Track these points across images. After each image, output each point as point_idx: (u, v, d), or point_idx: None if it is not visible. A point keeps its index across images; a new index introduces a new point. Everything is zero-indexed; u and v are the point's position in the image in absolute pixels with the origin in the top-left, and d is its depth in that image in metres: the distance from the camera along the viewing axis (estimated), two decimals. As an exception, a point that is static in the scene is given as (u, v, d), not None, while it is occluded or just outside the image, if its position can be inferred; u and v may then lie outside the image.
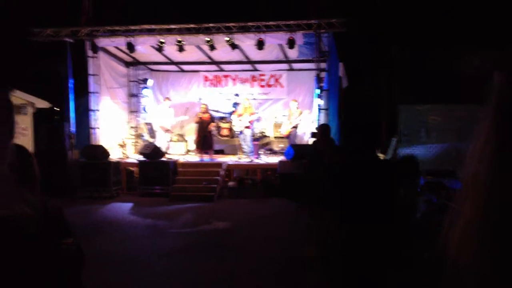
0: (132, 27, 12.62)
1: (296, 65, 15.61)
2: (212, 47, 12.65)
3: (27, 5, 14.26)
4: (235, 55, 14.22)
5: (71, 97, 13.15)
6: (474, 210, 0.78)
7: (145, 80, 16.15)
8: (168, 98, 14.84)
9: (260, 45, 12.25)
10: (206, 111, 13.75)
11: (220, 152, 14.78)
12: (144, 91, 16.18)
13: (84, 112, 13.53)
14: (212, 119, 13.84)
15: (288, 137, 13.95)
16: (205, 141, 13.46)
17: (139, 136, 15.83)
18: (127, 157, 14.24)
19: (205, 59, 15.17)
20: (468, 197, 0.80)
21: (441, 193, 8.17)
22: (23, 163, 2.14)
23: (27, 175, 2.08)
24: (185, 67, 16.43)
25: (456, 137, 12.66)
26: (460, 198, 0.81)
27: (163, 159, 12.86)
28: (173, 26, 12.48)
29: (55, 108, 14.27)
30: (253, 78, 16.28)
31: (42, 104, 14.10)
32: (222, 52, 13.61)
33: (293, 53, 13.86)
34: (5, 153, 0.83)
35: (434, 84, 12.46)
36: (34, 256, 0.78)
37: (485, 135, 0.78)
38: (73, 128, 13.02)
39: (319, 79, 12.75)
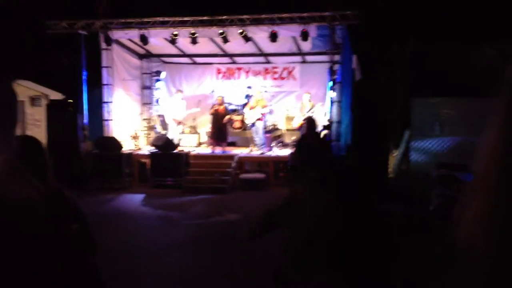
0: (146, 20, 12.64)
1: (309, 58, 15.53)
2: (226, 40, 12.63)
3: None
4: (248, 47, 14.19)
5: (85, 89, 13.24)
6: (483, 204, 0.77)
7: (158, 73, 16.20)
8: (180, 91, 14.87)
9: (274, 37, 12.20)
10: (222, 103, 13.77)
11: (232, 144, 14.80)
12: (157, 84, 16.23)
13: (97, 104, 13.60)
14: (227, 111, 13.86)
15: (300, 129, 13.93)
16: (220, 133, 13.49)
17: (151, 128, 15.90)
18: (140, 149, 14.32)
19: (218, 51, 15.16)
20: (478, 192, 0.79)
21: (454, 187, 8.12)
22: (32, 152, 2.16)
23: (37, 164, 2.10)
24: (198, 59, 16.44)
25: (469, 130, 12.54)
26: (470, 192, 0.80)
27: (175, 151, 12.91)
28: (186, 18, 12.48)
29: (68, 100, 14.38)
30: (266, 71, 16.24)
31: (56, 96, 14.20)
32: (235, 44, 13.59)
33: (306, 46, 13.79)
34: (8, 137, 0.84)
35: (447, 77, 12.34)
36: (39, 239, 0.79)
37: (497, 130, 0.78)
38: (86, 119, 13.11)
39: (332, 72, 12.69)
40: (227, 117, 13.82)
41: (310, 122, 5.57)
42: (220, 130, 13.50)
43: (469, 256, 0.76)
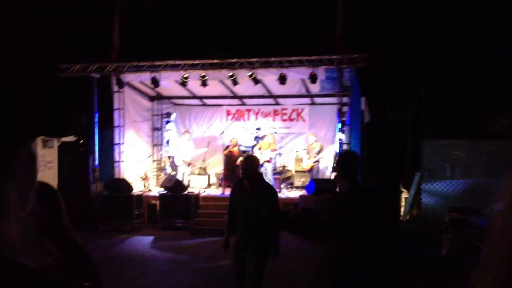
0: (157, 63, 12.88)
1: (318, 99, 15.65)
2: (235, 82, 12.80)
3: (54, 41, 14.66)
4: (258, 89, 14.36)
5: (96, 130, 13.39)
6: (501, 268, 0.78)
7: (168, 114, 16.37)
8: (187, 131, 15.03)
9: (283, 80, 12.35)
10: (236, 144, 13.84)
11: (242, 185, 14.75)
12: (168, 125, 16.38)
13: (108, 145, 13.73)
14: (240, 153, 13.93)
15: (310, 171, 13.92)
16: (232, 174, 13.49)
17: (161, 169, 15.96)
18: (150, 190, 14.34)
19: (228, 93, 15.34)
20: (494, 255, 0.79)
21: (466, 231, 8.01)
22: (47, 199, 2.17)
23: (52, 211, 2.11)
24: (208, 101, 16.63)
25: (481, 172, 12.48)
26: (488, 254, 0.80)
27: (185, 192, 12.91)
28: (197, 62, 12.70)
29: (80, 141, 14.51)
30: (275, 112, 16.36)
31: (68, 137, 14.36)
32: (245, 86, 13.76)
33: (315, 88, 13.94)
34: (27, 204, 0.87)
35: (458, 119, 12.37)
36: None
37: (510, 197, 0.78)
38: (97, 161, 13.20)
39: (341, 114, 12.75)
40: (241, 159, 13.87)
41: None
42: (233, 172, 13.51)
43: None
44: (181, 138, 15.21)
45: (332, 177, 13.16)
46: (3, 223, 0.78)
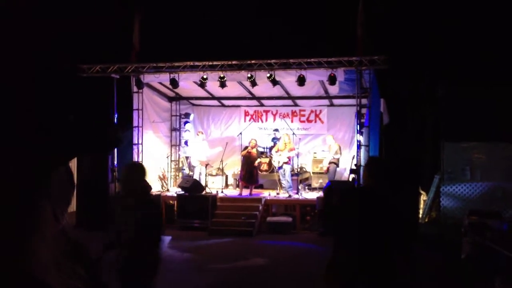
0: (176, 64, 12.94)
1: (336, 101, 15.60)
2: (254, 83, 12.81)
3: (76, 43, 14.82)
4: (276, 90, 14.34)
5: (116, 130, 13.50)
6: None
7: (187, 115, 16.46)
8: (201, 132, 15.11)
9: (301, 81, 12.32)
10: (255, 146, 13.85)
11: (260, 186, 14.79)
12: (186, 125, 16.47)
13: (127, 146, 13.82)
14: (258, 154, 13.94)
15: (327, 172, 13.87)
16: (250, 175, 13.49)
17: (179, 169, 16.05)
18: (168, 190, 14.43)
19: (246, 94, 15.36)
20: None
21: (486, 235, 7.90)
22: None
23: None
24: (226, 102, 16.67)
25: (501, 176, 12.30)
26: None
27: (202, 193, 12.95)
28: (216, 63, 12.73)
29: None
30: (293, 113, 16.34)
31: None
32: (263, 87, 13.76)
33: (333, 89, 13.88)
34: (60, 221, 0.87)
35: (478, 121, 12.22)
36: None
37: None
38: (116, 161, 13.31)
39: (359, 115, 12.68)
40: (258, 160, 13.90)
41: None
42: (251, 172, 13.52)
43: None
44: (195, 139, 15.28)
45: (350, 179, 13.09)
46: (37, 244, 0.77)
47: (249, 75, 12.63)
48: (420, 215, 12.77)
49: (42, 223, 0.79)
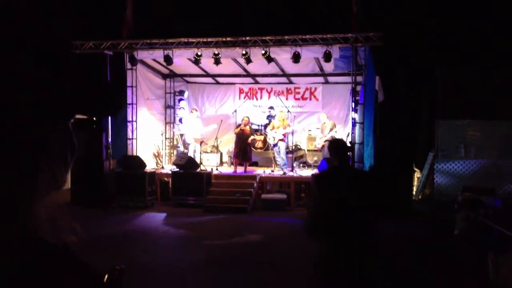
0: (170, 40, 12.82)
1: (331, 78, 15.55)
2: (248, 60, 12.73)
3: (71, 19, 14.62)
4: (271, 68, 14.28)
5: (110, 107, 13.43)
6: None
7: (181, 92, 16.39)
8: (195, 109, 15.04)
9: (296, 58, 12.26)
10: (248, 123, 13.81)
11: (254, 164, 14.82)
12: (180, 103, 16.40)
13: (121, 123, 13.77)
14: (252, 131, 13.92)
15: (322, 150, 13.89)
16: (244, 153, 13.49)
17: (174, 147, 16.03)
18: (162, 168, 14.44)
19: (241, 71, 15.29)
20: None
21: (480, 211, 7.97)
22: None
23: None
24: (220, 79, 16.59)
25: (495, 153, 12.37)
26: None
27: (197, 170, 12.96)
28: (210, 39, 12.62)
29: (93, 119, 14.55)
30: (288, 91, 16.30)
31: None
32: (258, 65, 13.69)
33: (329, 67, 13.82)
34: (58, 182, 0.86)
35: (473, 99, 12.23)
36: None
37: None
38: (110, 138, 13.27)
39: (354, 93, 12.66)
40: (252, 137, 13.87)
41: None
42: (245, 150, 13.52)
43: None
44: (189, 116, 15.23)
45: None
46: (30, 201, 0.78)
47: (243, 52, 12.55)
48: (414, 192, 12.85)
49: (37, 181, 0.79)
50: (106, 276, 0.89)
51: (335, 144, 4.74)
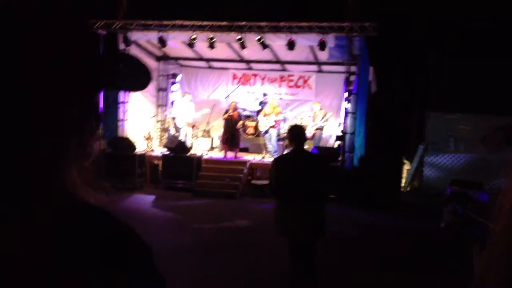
0: (165, 22, 12.72)
1: (325, 67, 15.50)
2: (243, 46, 12.67)
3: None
4: (265, 54, 14.22)
5: (101, 88, 13.31)
6: (498, 244, 0.77)
7: (174, 75, 16.28)
8: (187, 93, 14.96)
9: (291, 45, 12.21)
10: (236, 108, 13.77)
11: (245, 150, 14.82)
12: (173, 86, 16.31)
13: (112, 104, 13.69)
14: (240, 117, 13.88)
15: (312, 138, 13.91)
16: (232, 138, 13.48)
17: (165, 130, 15.97)
18: (153, 150, 14.39)
19: (235, 57, 15.21)
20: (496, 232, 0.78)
21: (467, 205, 8.03)
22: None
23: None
24: (214, 64, 16.50)
25: (484, 148, 12.46)
26: (490, 237, 0.79)
27: (187, 154, 12.94)
28: (205, 23, 12.54)
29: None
30: (282, 78, 16.24)
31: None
32: (252, 51, 13.62)
33: (323, 55, 13.78)
34: (88, 152, 0.91)
35: (465, 93, 12.29)
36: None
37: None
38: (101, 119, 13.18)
39: (348, 82, 12.65)
40: (240, 123, 13.83)
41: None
42: (233, 135, 13.50)
43: None
44: (182, 99, 15.15)
45: (335, 145, 13.16)
46: (63, 165, 0.82)
47: (238, 37, 12.48)
48: (403, 184, 12.94)
49: (67, 151, 0.83)
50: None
51: (294, 130, 5.04)
